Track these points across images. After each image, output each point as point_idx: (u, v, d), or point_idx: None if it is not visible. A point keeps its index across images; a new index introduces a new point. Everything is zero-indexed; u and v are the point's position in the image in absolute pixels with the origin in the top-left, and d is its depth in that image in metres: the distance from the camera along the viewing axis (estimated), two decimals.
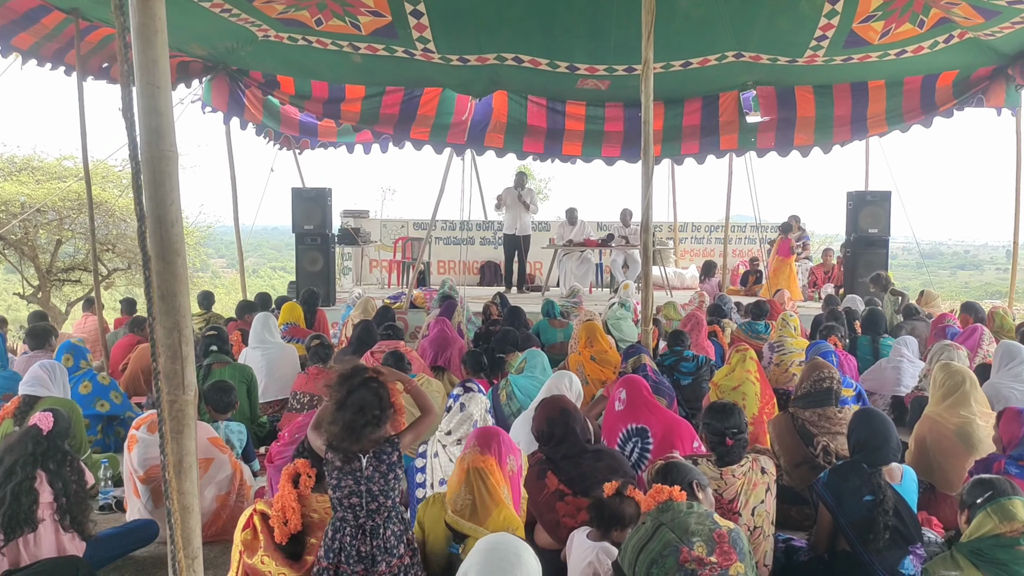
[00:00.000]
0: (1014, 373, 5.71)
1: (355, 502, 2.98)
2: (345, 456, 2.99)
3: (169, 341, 1.74)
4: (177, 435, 1.76)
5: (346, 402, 3.02)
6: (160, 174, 1.73)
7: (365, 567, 2.93)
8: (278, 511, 3.07)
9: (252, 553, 3.05)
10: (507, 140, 10.69)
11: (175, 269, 1.75)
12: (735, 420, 3.91)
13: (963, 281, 45.36)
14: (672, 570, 2.87)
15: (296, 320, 8.53)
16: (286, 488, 3.13)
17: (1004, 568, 2.95)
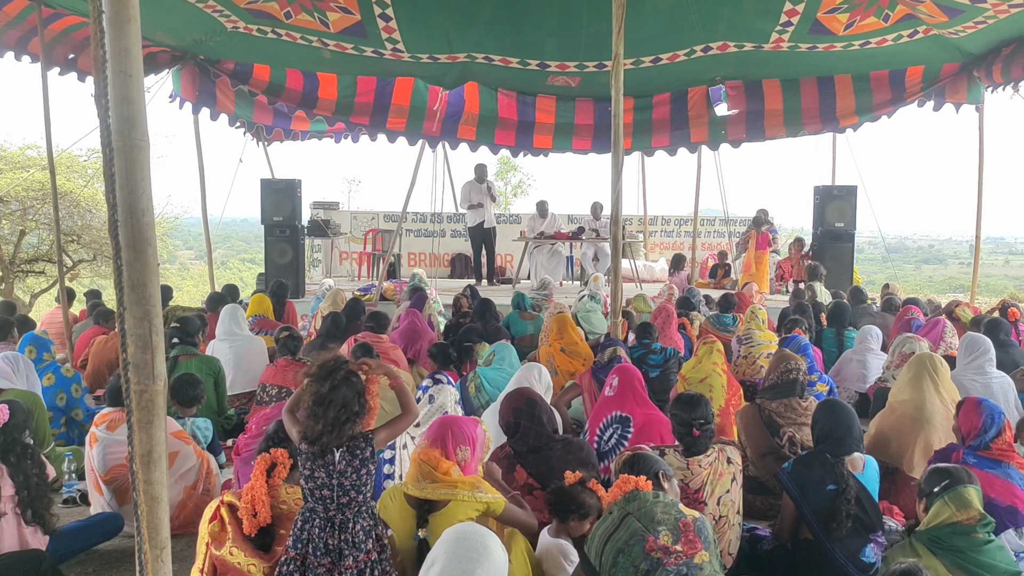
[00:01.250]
0: (976, 365, 5.83)
1: (326, 495, 2.98)
2: (320, 448, 2.99)
3: (139, 331, 1.74)
4: (146, 425, 1.75)
5: (328, 397, 3.01)
6: (132, 163, 1.72)
7: (332, 560, 2.93)
8: (247, 502, 3.04)
9: (220, 545, 3.03)
10: (479, 133, 10.72)
11: (146, 259, 1.74)
12: (702, 411, 3.96)
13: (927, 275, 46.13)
14: (638, 559, 2.91)
15: (265, 312, 8.48)
16: (259, 478, 3.10)
17: (961, 555, 3.03)
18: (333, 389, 3.03)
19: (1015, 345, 7.20)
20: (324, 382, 3.03)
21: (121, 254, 1.69)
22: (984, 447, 3.93)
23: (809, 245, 12.40)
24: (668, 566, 2.92)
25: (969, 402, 4.14)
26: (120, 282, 1.70)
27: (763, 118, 10.47)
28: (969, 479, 3.22)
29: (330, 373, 3.06)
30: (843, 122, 10.39)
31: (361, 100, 10.03)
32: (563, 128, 10.96)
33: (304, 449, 3.01)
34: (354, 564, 2.96)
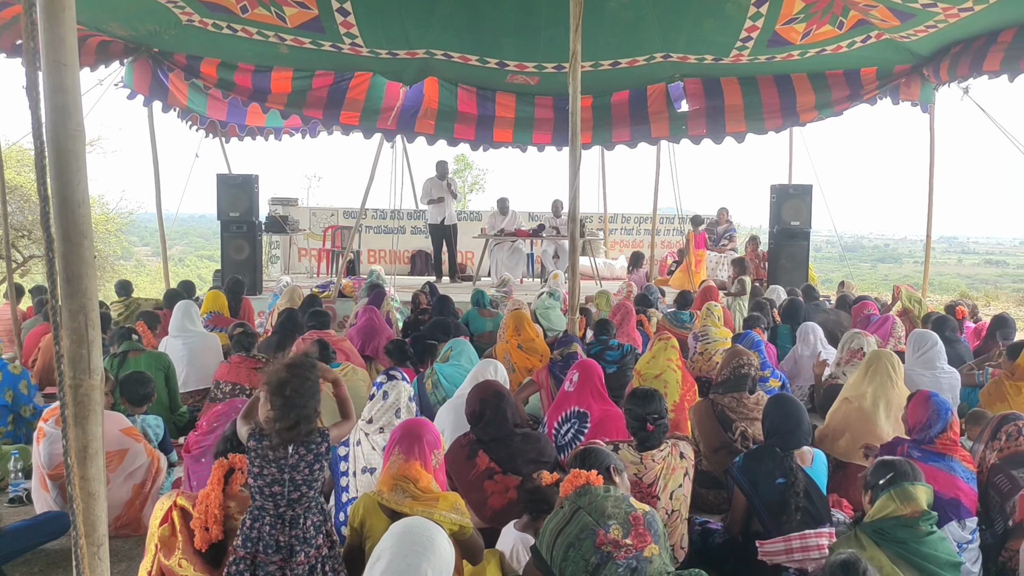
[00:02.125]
0: (925, 359, 5.96)
1: (277, 491, 2.94)
2: (273, 445, 2.96)
3: (75, 324, 1.70)
4: (82, 420, 1.72)
5: (293, 395, 2.99)
6: (66, 154, 1.68)
7: (283, 557, 2.90)
8: (201, 512, 2.97)
9: (169, 553, 2.96)
10: (438, 127, 10.64)
11: (81, 251, 1.71)
12: (656, 406, 4.00)
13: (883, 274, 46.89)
14: (589, 552, 2.92)
15: (220, 309, 8.37)
16: (215, 487, 3.02)
17: (904, 546, 3.09)
18: (297, 389, 3.01)
19: (960, 341, 7.38)
20: (289, 381, 3.00)
21: (54, 246, 1.66)
22: (929, 441, 4.01)
23: (766, 243, 12.54)
24: (618, 560, 2.94)
25: (919, 395, 4.22)
26: (53, 275, 1.67)
27: (723, 113, 10.54)
28: (913, 472, 3.28)
29: (295, 372, 3.03)
30: (803, 116, 10.49)
31: (315, 94, 9.88)
32: (523, 122, 10.93)
33: (253, 446, 2.97)
34: (305, 560, 2.94)
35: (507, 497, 3.89)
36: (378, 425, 4.19)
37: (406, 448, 3.36)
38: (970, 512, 3.85)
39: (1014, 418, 4.22)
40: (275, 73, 9.78)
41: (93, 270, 1.76)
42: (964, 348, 7.27)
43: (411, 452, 3.34)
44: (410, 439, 3.40)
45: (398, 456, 3.37)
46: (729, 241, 14.15)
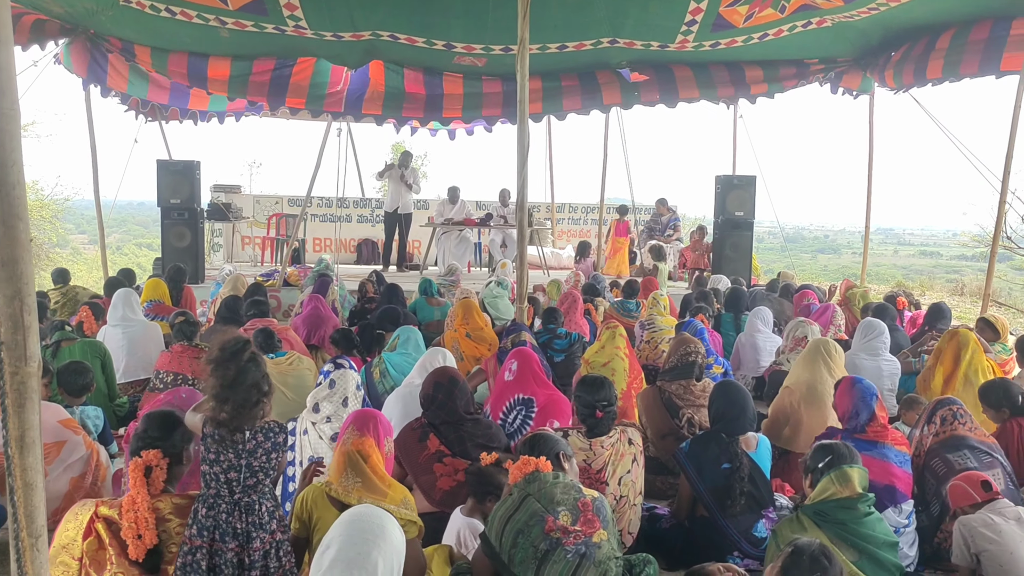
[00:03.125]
0: (870, 347, 6.11)
1: (233, 477, 2.92)
2: (229, 430, 2.93)
3: (10, 310, 1.64)
4: (19, 409, 1.66)
5: (238, 379, 2.95)
6: (1, 133, 1.63)
7: (240, 543, 2.88)
8: (131, 521, 2.83)
9: (101, 568, 2.84)
10: (386, 106, 10.43)
11: (16, 234, 1.65)
12: (605, 393, 4.03)
13: (823, 264, 47.84)
14: (538, 539, 2.94)
15: (160, 297, 8.18)
16: (139, 489, 2.88)
17: (844, 527, 3.18)
18: (241, 369, 2.97)
19: (899, 330, 7.58)
20: (231, 363, 2.96)
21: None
22: (860, 430, 4.11)
23: (711, 233, 12.71)
24: (567, 546, 2.97)
25: (844, 384, 4.32)
26: None
27: (676, 82, 10.52)
28: (850, 454, 3.37)
29: (235, 353, 2.99)
30: (754, 89, 10.56)
31: (257, 79, 9.66)
32: (472, 98, 10.67)
33: (209, 432, 2.93)
34: (260, 546, 2.93)
35: (456, 479, 3.91)
36: (325, 414, 4.17)
37: (360, 425, 3.34)
38: (905, 496, 3.96)
39: (949, 403, 4.35)
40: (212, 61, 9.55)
41: (29, 254, 1.70)
42: (903, 336, 7.47)
43: (365, 428, 3.31)
44: (364, 419, 3.38)
45: (352, 432, 3.33)
46: (674, 231, 14.30)
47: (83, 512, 2.97)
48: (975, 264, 29.21)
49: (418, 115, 10.88)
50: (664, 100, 10.89)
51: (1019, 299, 18.06)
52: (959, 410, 4.29)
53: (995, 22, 8.07)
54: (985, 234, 17.36)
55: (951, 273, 23.87)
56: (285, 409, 4.97)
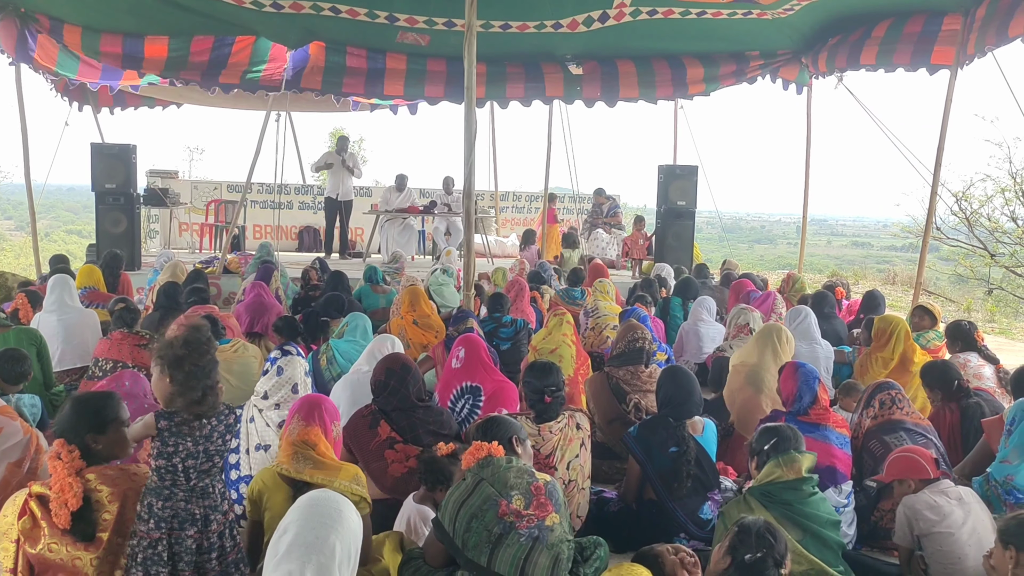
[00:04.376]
0: (800, 331, 6.28)
1: (190, 464, 2.90)
2: (186, 418, 2.91)
3: None
4: None
5: (207, 367, 2.96)
6: None
7: (198, 528, 2.89)
8: (57, 492, 2.80)
9: (35, 543, 2.81)
10: (325, 81, 10.25)
11: None
12: (553, 378, 4.07)
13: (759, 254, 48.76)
14: (492, 523, 2.96)
15: (95, 284, 7.95)
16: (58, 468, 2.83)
17: (789, 507, 3.27)
18: (211, 358, 2.99)
19: (837, 318, 7.79)
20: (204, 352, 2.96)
21: None
22: (803, 412, 4.23)
23: (653, 223, 12.86)
24: (520, 529, 3.00)
25: (788, 368, 4.44)
26: None
27: (618, 79, 10.73)
28: (795, 436, 3.46)
29: (206, 342, 3.00)
30: (692, 88, 10.85)
31: (195, 58, 9.43)
32: (415, 74, 10.54)
33: (165, 425, 2.89)
34: (217, 527, 2.94)
35: (407, 466, 3.92)
36: (273, 401, 4.11)
37: (306, 415, 3.36)
38: (845, 477, 4.09)
39: (887, 387, 4.50)
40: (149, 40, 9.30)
41: None
42: (840, 324, 7.68)
43: (311, 418, 3.33)
44: (310, 407, 3.41)
45: (298, 423, 3.34)
46: (614, 217, 14.42)
47: (19, 496, 2.95)
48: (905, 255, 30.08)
49: (358, 90, 10.70)
50: (604, 98, 11.09)
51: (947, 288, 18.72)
52: (897, 395, 4.45)
53: (928, 16, 8.34)
54: (916, 224, 17.91)
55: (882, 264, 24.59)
56: (229, 397, 4.87)
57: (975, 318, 14.40)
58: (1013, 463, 3.75)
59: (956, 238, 17.95)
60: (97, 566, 2.81)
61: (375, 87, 10.64)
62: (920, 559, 3.48)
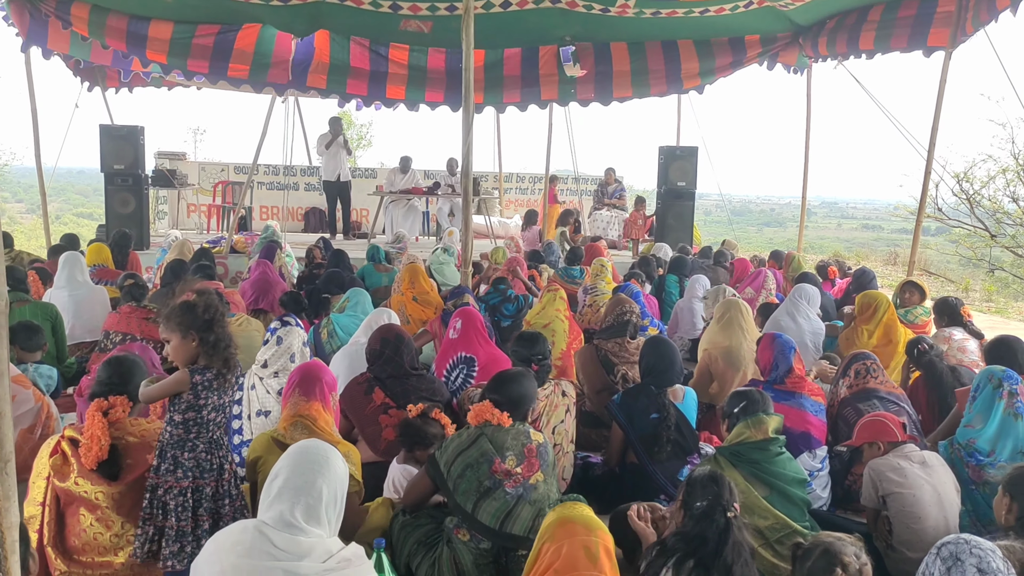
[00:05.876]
0: (791, 306, 6.47)
1: (212, 417, 3.15)
2: (216, 375, 3.15)
3: None
4: None
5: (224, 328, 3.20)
6: None
7: (215, 476, 3.14)
8: (87, 438, 3.07)
9: (64, 477, 3.07)
10: (330, 80, 10.45)
11: None
12: (540, 347, 4.27)
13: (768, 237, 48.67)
14: (484, 476, 3.23)
15: (104, 261, 8.16)
16: (94, 417, 3.12)
17: (757, 466, 3.45)
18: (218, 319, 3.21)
19: (826, 295, 7.96)
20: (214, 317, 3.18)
21: None
22: (779, 381, 4.41)
23: (654, 204, 12.98)
24: (507, 488, 3.24)
25: (765, 339, 4.62)
26: None
27: (611, 79, 10.85)
28: (763, 399, 3.64)
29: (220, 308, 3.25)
30: (687, 83, 10.96)
31: (200, 42, 9.52)
32: (416, 78, 10.78)
33: (199, 380, 3.12)
34: (228, 476, 3.20)
35: None
36: (273, 369, 4.32)
37: (306, 389, 3.56)
38: (820, 442, 4.28)
39: (863, 357, 4.68)
40: (154, 23, 9.42)
41: None
42: (828, 301, 7.84)
43: (311, 393, 3.54)
44: (310, 381, 3.60)
45: (298, 397, 3.55)
46: (618, 200, 14.56)
47: (52, 440, 3.23)
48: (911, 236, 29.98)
49: (361, 93, 10.91)
50: (599, 99, 11.26)
51: (956, 270, 18.76)
52: (872, 364, 4.63)
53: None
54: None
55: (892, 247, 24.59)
56: None
57: (973, 298, 14.55)
58: (976, 427, 3.91)
59: (958, 219, 18.00)
60: (118, 500, 3.08)
61: (377, 90, 10.86)
62: (885, 519, 3.65)
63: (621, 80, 10.82)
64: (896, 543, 3.54)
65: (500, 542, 3.21)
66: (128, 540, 3.05)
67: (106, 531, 3.04)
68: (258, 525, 2.29)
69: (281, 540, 2.24)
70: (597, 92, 11.05)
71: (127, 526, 3.07)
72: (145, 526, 3.01)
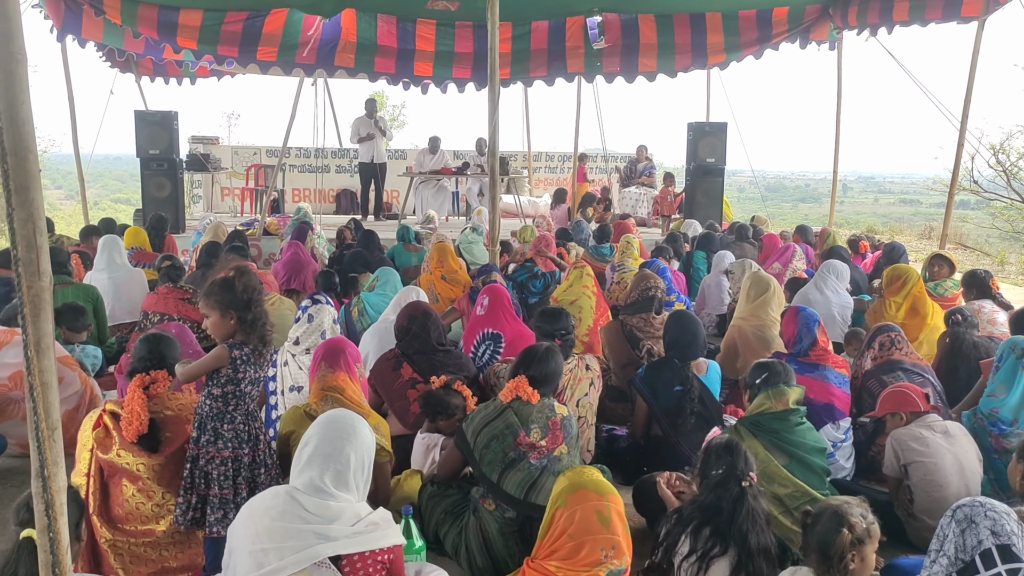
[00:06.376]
0: (819, 281, 6.51)
1: (249, 390, 3.26)
2: (252, 350, 3.26)
3: (24, 232, 1.88)
4: (35, 318, 1.91)
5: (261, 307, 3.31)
6: (10, 75, 1.84)
7: (252, 447, 3.26)
8: (128, 412, 3.22)
9: (106, 449, 3.21)
10: (358, 60, 10.53)
11: (27, 165, 1.88)
12: (563, 322, 4.35)
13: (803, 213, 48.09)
14: (509, 448, 3.32)
15: (141, 245, 8.37)
16: (135, 391, 3.27)
17: (776, 435, 3.51)
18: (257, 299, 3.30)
19: (857, 269, 7.92)
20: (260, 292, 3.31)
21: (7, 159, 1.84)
22: (803, 354, 4.45)
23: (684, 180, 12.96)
24: (532, 460, 3.33)
25: (789, 312, 4.65)
26: (8, 185, 1.86)
27: (638, 52, 10.82)
28: (784, 371, 3.68)
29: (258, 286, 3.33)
30: (712, 59, 10.90)
31: (228, 28, 9.64)
32: (443, 56, 10.86)
33: (238, 355, 3.22)
34: (263, 446, 3.32)
35: None
36: (304, 346, 4.44)
37: (331, 361, 3.67)
38: (843, 414, 4.31)
39: (887, 330, 4.69)
40: (184, 12, 9.55)
41: (39, 183, 1.94)
42: (860, 275, 7.81)
43: (336, 363, 3.65)
44: (334, 352, 3.71)
45: (325, 370, 3.66)
46: (648, 177, 14.54)
47: (94, 414, 3.36)
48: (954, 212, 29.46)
49: (389, 71, 10.98)
50: (624, 73, 11.26)
51: (995, 245, 18.46)
52: (896, 336, 4.65)
53: None
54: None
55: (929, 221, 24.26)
56: None
57: (1009, 271, 14.33)
58: (999, 397, 3.94)
59: (995, 192, 17.70)
60: (158, 471, 3.23)
61: (405, 68, 10.92)
62: (907, 488, 3.70)
63: (647, 53, 10.79)
64: (917, 511, 3.59)
65: (525, 511, 3.30)
66: (168, 509, 3.19)
67: (147, 501, 3.18)
68: (290, 491, 2.41)
69: (312, 504, 2.36)
70: (623, 66, 11.03)
71: (167, 496, 3.21)
72: (187, 495, 3.13)
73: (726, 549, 2.83)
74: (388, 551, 2.42)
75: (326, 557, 2.30)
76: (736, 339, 5.42)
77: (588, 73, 11.44)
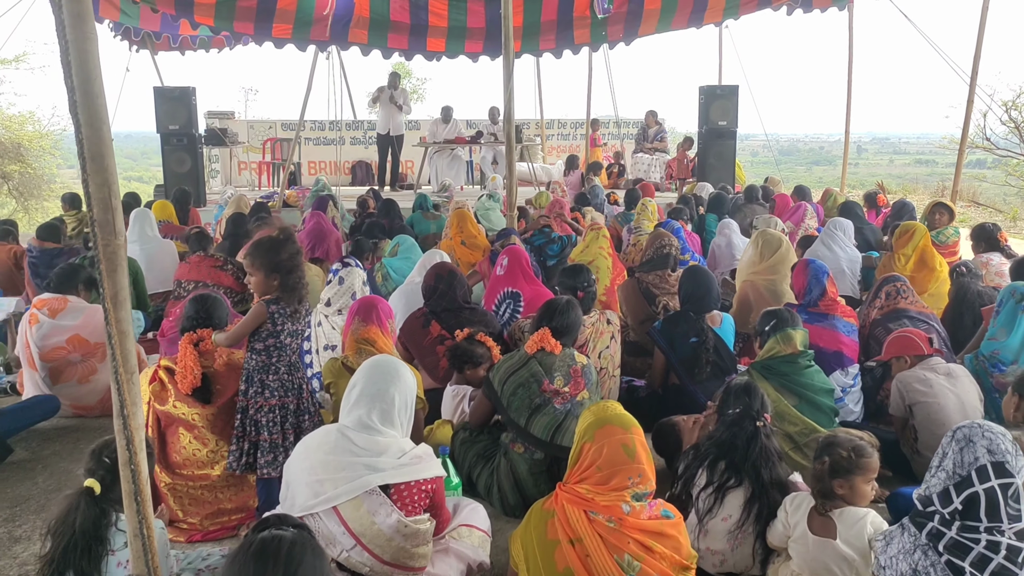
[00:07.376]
0: (827, 236, 6.68)
1: (288, 343, 3.48)
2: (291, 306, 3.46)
3: (100, 195, 2.09)
4: (112, 273, 2.12)
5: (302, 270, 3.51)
6: (84, 53, 2.04)
7: (296, 395, 3.48)
8: (181, 368, 3.48)
9: (163, 401, 3.47)
10: (371, 36, 10.69)
11: (101, 135, 2.09)
12: (584, 277, 4.57)
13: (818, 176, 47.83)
14: (534, 395, 3.55)
15: (168, 218, 8.60)
16: (186, 348, 3.52)
17: (786, 378, 3.72)
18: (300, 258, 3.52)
19: (870, 225, 8.07)
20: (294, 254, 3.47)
21: (82, 130, 2.05)
22: (813, 304, 4.63)
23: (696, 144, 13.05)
24: (556, 404, 3.56)
25: (800, 265, 4.84)
26: (83, 154, 2.06)
27: (641, 17, 10.92)
28: (792, 318, 3.88)
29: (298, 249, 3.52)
30: (707, 18, 11.01)
31: (244, 5, 9.78)
32: (456, 31, 11.04)
33: (276, 310, 3.41)
34: (307, 395, 3.54)
35: None
36: (336, 307, 4.68)
37: (364, 316, 3.91)
38: (852, 361, 4.51)
39: (893, 280, 4.88)
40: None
41: (111, 151, 2.15)
42: (871, 231, 7.95)
43: (369, 318, 3.89)
44: (367, 308, 3.96)
45: (358, 324, 3.90)
46: (660, 142, 14.63)
47: (149, 369, 3.65)
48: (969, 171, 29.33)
49: (402, 47, 11.16)
50: (625, 38, 11.43)
51: (1011, 202, 18.43)
52: (902, 286, 4.83)
53: None
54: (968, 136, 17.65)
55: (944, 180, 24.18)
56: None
57: (1021, 227, 14.40)
58: (1000, 339, 4.12)
59: (1008, 149, 17.66)
60: (211, 420, 3.48)
61: (418, 43, 11.09)
62: (912, 427, 3.90)
63: (650, 16, 10.87)
64: (921, 448, 3.79)
65: (552, 452, 3.53)
66: (222, 455, 3.44)
67: (203, 447, 3.44)
68: (340, 428, 2.65)
69: (361, 440, 2.60)
70: (625, 31, 11.17)
71: (220, 443, 3.46)
72: (239, 442, 3.38)
73: (740, 481, 3.04)
74: (431, 481, 2.65)
75: (376, 486, 2.53)
76: (749, 293, 5.60)
77: (594, 42, 11.63)
